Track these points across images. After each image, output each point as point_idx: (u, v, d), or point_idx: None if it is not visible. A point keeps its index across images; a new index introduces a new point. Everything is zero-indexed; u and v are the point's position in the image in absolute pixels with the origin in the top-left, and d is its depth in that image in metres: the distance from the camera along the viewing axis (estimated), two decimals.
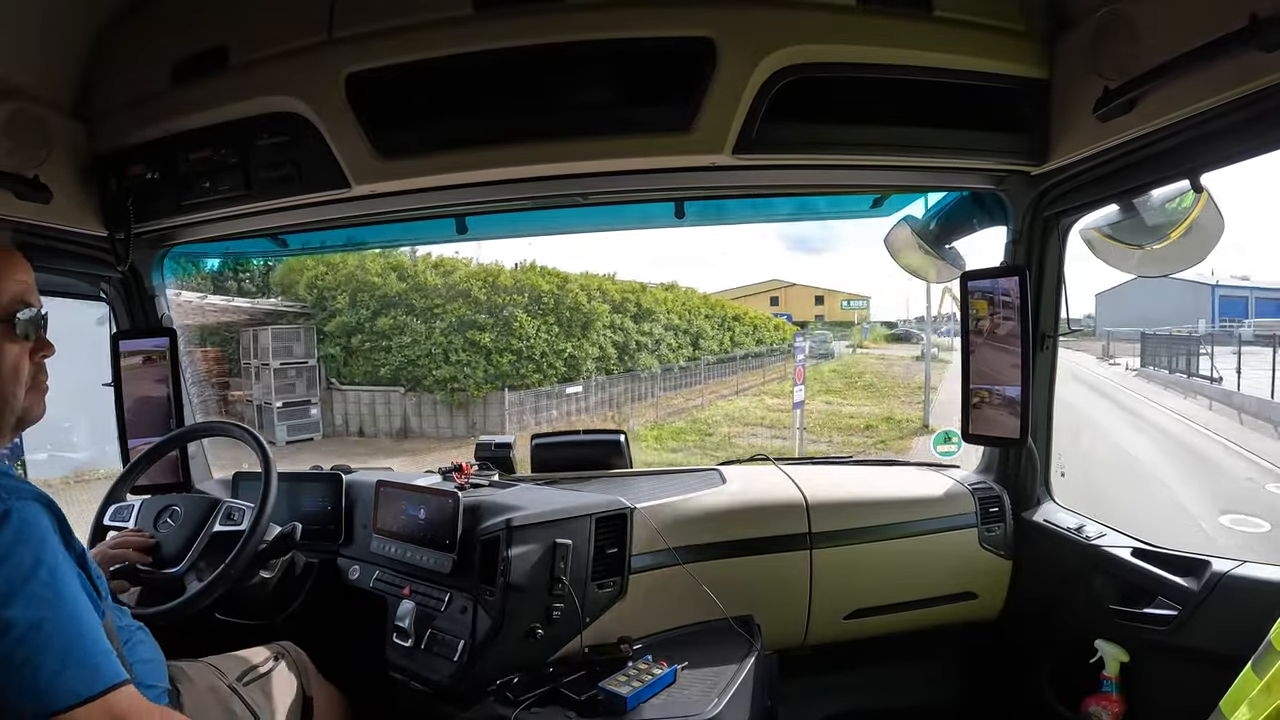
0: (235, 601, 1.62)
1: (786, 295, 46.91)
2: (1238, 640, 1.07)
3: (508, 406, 12.99)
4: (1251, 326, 27.62)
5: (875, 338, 38.11)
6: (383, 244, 2.34)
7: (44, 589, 0.83)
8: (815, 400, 17.47)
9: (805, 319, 41.05)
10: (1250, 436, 11.56)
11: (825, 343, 28.89)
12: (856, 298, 45.23)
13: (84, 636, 0.84)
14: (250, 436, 1.65)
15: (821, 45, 1.45)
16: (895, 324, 44.36)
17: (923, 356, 27.45)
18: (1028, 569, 1.94)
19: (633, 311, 16.14)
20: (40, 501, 0.89)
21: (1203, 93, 1.21)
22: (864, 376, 22.07)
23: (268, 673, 1.42)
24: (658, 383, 16.79)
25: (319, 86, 1.51)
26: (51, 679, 0.80)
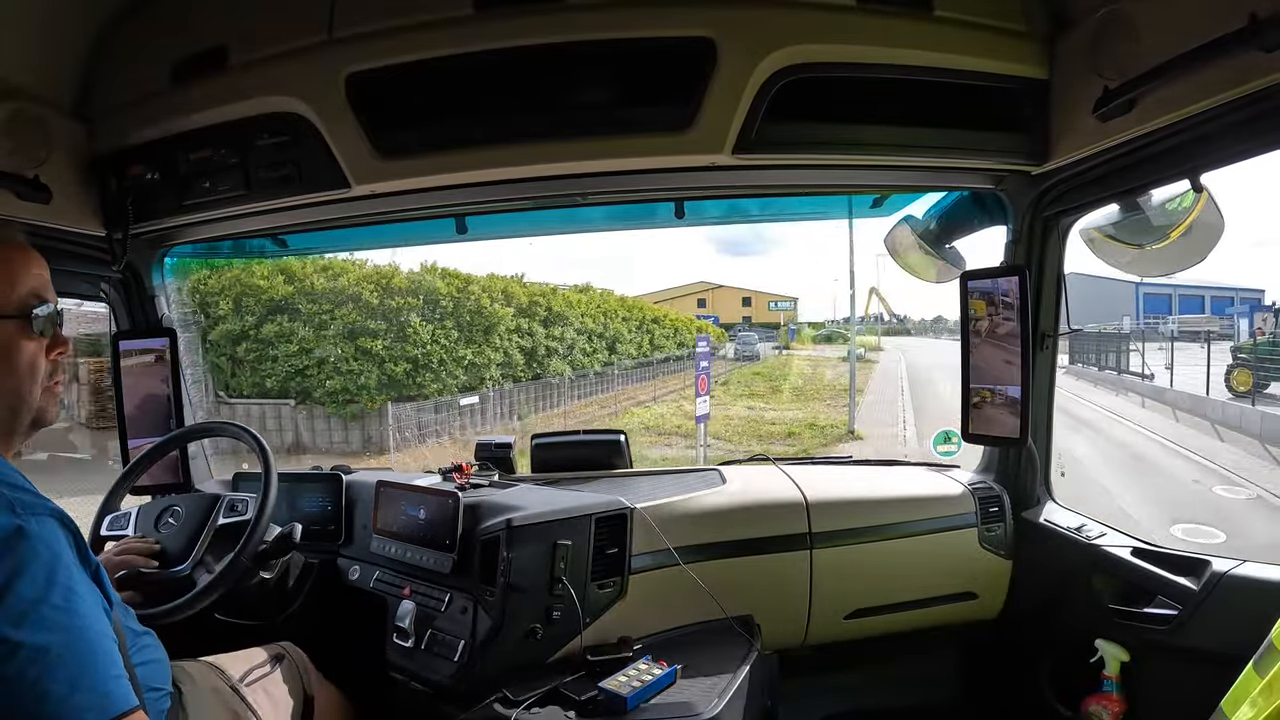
0: (235, 602, 1.62)
1: (714, 297, 46.76)
2: (1238, 640, 1.07)
3: (392, 421, 11.76)
4: (1175, 323, 27.74)
5: (803, 339, 37.95)
6: (383, 244, 2.34)
7: (57, 611, 0.81)
8: (737, 405, 17.28)
9: (732, 320, 40.83)
10: (1187, 434, 11.47)
11: (751, 345, 28.40)
12: (784, 299, 45.46)
13: (96, 661, 0.82)
14: (250, 437, 1.65)
15: (821, 45, 1.45)
16: (823, 325, 44.24)
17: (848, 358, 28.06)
18: (1028, 569, 1.94)
19: (542, 315, 15.08)
20: (56, 517, 0.86)
21: (1203, 93, 1.21)
22: (789, 379, 21.74)
23: (270, 673, 1.42)
24: (571, 390, 15.88)
25: (319, 86, 1.51)
26: (61, 704, 0.78)
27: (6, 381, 0.95)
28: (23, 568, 0.80)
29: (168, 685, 1.16)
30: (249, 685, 1.36)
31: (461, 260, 18.97)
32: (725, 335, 30.29)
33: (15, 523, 0.82)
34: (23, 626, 0.78)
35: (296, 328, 11.73)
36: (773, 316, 40.12)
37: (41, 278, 1.00)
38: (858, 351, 29.37)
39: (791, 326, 38.55)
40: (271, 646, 1.50)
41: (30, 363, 0.96)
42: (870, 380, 21.68)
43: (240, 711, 1.30)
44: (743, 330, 33.02)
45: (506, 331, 14.02)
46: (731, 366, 25.13)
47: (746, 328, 35.99)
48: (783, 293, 52.21)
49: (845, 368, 23.52)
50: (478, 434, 12.38)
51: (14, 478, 0.88)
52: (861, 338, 37.63)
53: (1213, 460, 9.81)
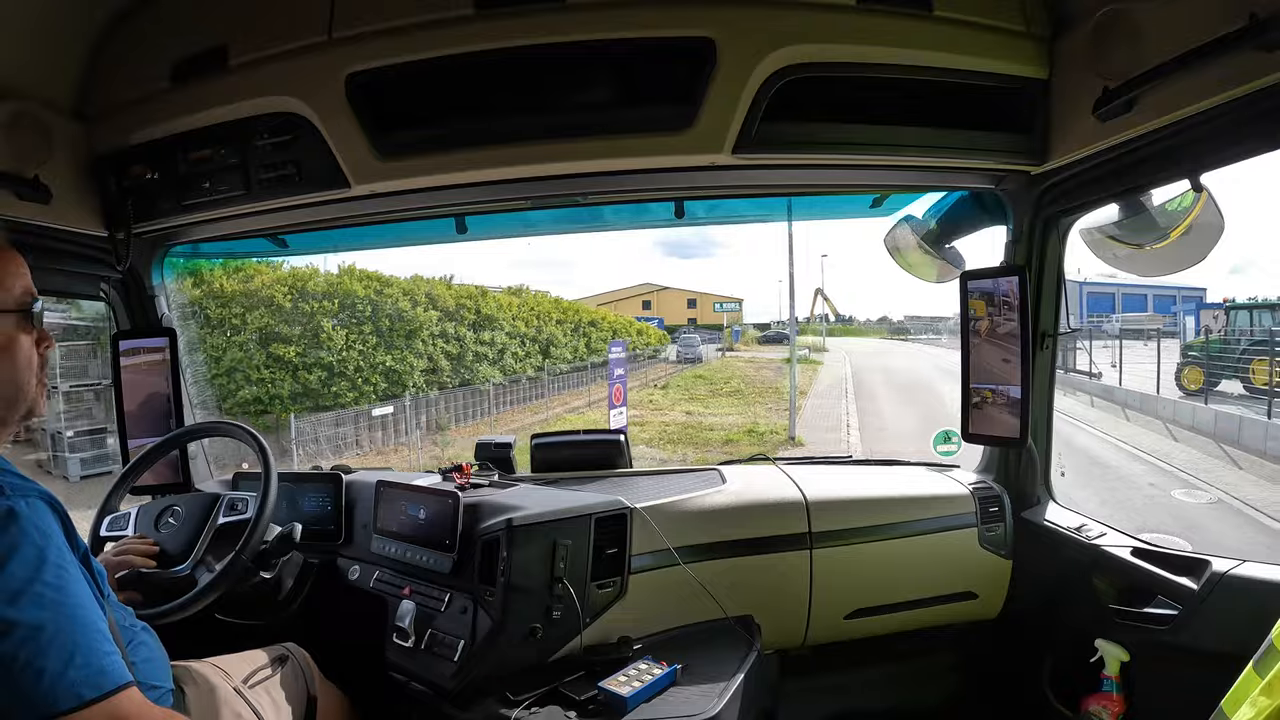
0: (235, 602, 1.62)
1: (658, 299, 47.02)
2: (1238, 639, 1.07)
3: (294, 434, 10.85)
4: (1119, 321, 27.83)
5: (747, 340, 37.80)
6: (383, 244, 2.34)
7: (49, 589, 0.82)
8: (675, 410, 16.87)
9: (677, 322, 40.91)
10: (1139, 434, 11.39)
11: (693, 347, 28.04)
12: (729, 300, 45.19)
13: (89, 638, 0.84)
14: (250, 437, 1.65)
15: (821, 45, 1.45)
16: (768, 326, 44.48)
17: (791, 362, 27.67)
18: (1028, 569, 1.94)
19: (470, 319, 14.30)
20: (46, 500, 0.89)
21: (1203, 93, 1.21)
22: (731, 382, 21.16)
23: (273, 675, 1.42)
24: (503, 396, 15.21)
25: (319, 86, 1.51)
26: (55, 680, 0.79)
27: (9, 374, 0.98)
28: (15, 548, 0.82)
29: (167, 683, 1.16)
30: (252, 687, 1.36)
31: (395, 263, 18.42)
32: (667, 337, 29.74)
33: (6, 504, 0.84)
34: (16, 605, 0.80)
35: (205, 334, 11.02)
36: (718, 318, 40.05)
37: (28, 275, 1.03)
38: (801, 352, 28.05)
39: (736, 328, 38.33)
40: (275, 648, 1.50)
41: (28, 356, 1.00)
42: (814, 382, 21.26)
43: (243, 712, 1.30)
44: (686, 332, 32.61)
45: (430, 336, 13.39)
46: (674, 369, 24.73)
47: (691, 329, 35.82)
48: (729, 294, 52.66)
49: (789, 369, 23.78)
50: (393, 449, 12.08)
51: (1, 462, 0.90)
52: (805, 339, 37.32)
53: (1168, 462, 9.75)
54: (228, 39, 1.54)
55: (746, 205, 2.09)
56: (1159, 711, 1.59)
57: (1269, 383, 11.42)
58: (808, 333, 43.43)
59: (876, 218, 2.17)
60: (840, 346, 36.78)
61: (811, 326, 48.07)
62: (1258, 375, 12.21)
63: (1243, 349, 12.89)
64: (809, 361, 26.93)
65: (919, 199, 2.08)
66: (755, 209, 2.13)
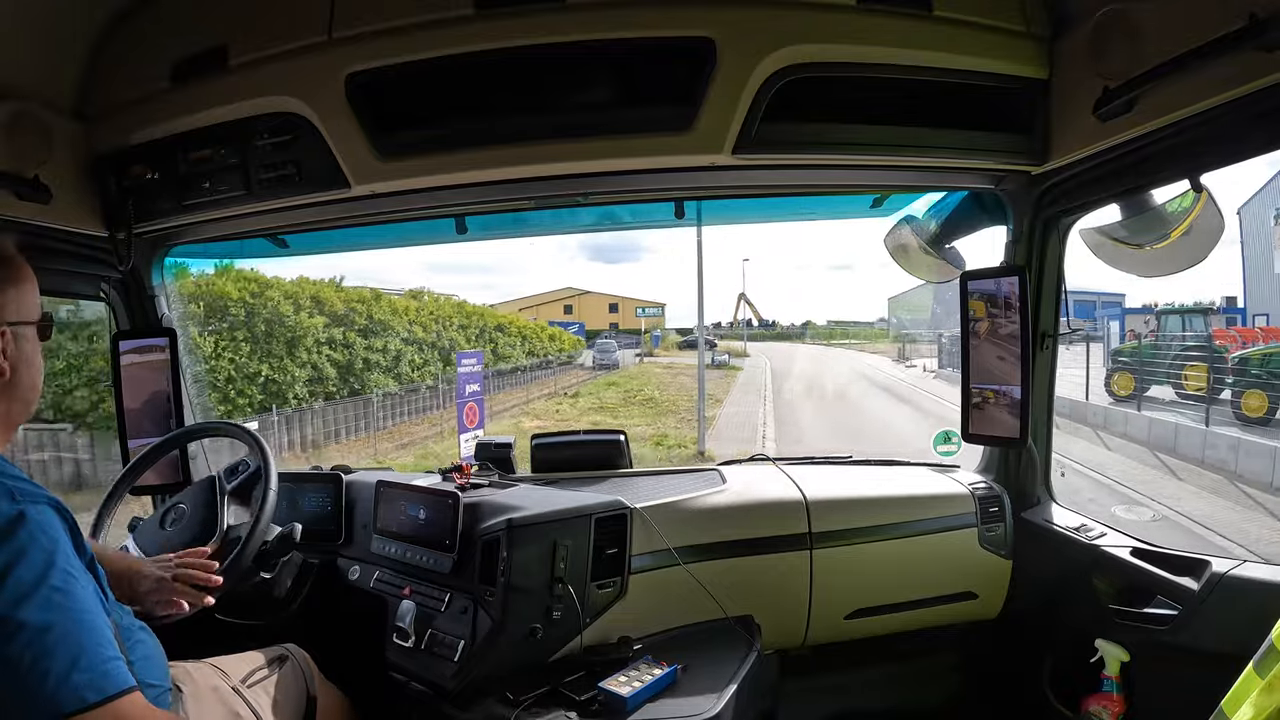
0: (235, 602, 1.62)
1: (580, 303, 46.38)
2: (1238, 640, 1.07)
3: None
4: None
5: (667, 345, 37.40)
6: (383, 244, 2.34)
7: (56, 593, 0.83)
8: (582, 420, 16.03)
9: (599, 327, 40.46)
10: (1069, 442, 10.87)
11: (609, 353, 27.26)
12: (651, 305, 45.15)
13: (94, 642, 0.84)
14: (250, 437, 1.65)
15: (821, 45, 1.45)
16: (690, 330, 43.47)
17: (712, 364, 25.57)
18: (1028, 569, 1.94)
19: (361, 324, 13.16)
20: (53, 506, 0.89)
21: (1203, 93, 1.21)
22: (645, 389, 20.34)
23: (271, 674, 1.42)
24: (399, 406, 14.07)
25: (319, 86, 1.51)
26: (60, 683, 0.80)
27: (32, 381, 1.03)
28: (23, 552, 0.83)
29: (165, 682, 1.17)
30: (251, 687, 1.36)
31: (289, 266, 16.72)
32: (581, 343, 28.98)
33: (16, 509, 0.85)
34: (23, 608, 0.80)
35: (64, 340, 9.78)
36: (641, 323, 39.72)
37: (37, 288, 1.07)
38: (721, 358, 27.82)
39: (656, 333, 37.97)
40: (274, 648, 1.50)
41: (41, 364, 1.05)
42: (733, 389, 20.59)
43: (241, 712, 1.30)
44: (603, 337, 31.87)
45: (316, 343, 12.33)
46: (589, 376, 23.97)
47: (611, 334, 35.25)
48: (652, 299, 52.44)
49: (712, 374, 22.11)
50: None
51: (10, 468, 0.91)
52: (727, 343, 37.01)
53: (1104, 474, 9.40)
54: (228, 39, 1.54)
55: (746, 205, 2.09)
56: (1159, 711, 1.59)
57: (1204, 389, 11.29)
58: (730, 338, 43.22)
59: (875, 218, 2.17)
60: (763, 351, 36.38)
61: (734, 332, 48.03)
62: (1190, 381, 12.05)
63: (1175, 354, 12.74)
64: (729, 368, 26.38)
65: (919, 199, 2.08)
66: (755, 209, 2.12)
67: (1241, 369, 11.18)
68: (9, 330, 0.98)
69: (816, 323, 61.64)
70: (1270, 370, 10.86)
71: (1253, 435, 9.49)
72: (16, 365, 1.00)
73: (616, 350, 28.11)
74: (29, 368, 1.02)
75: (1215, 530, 7.28)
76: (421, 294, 16.65)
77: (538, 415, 16.60)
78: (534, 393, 19.44)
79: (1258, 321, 16.88)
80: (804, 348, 42.73)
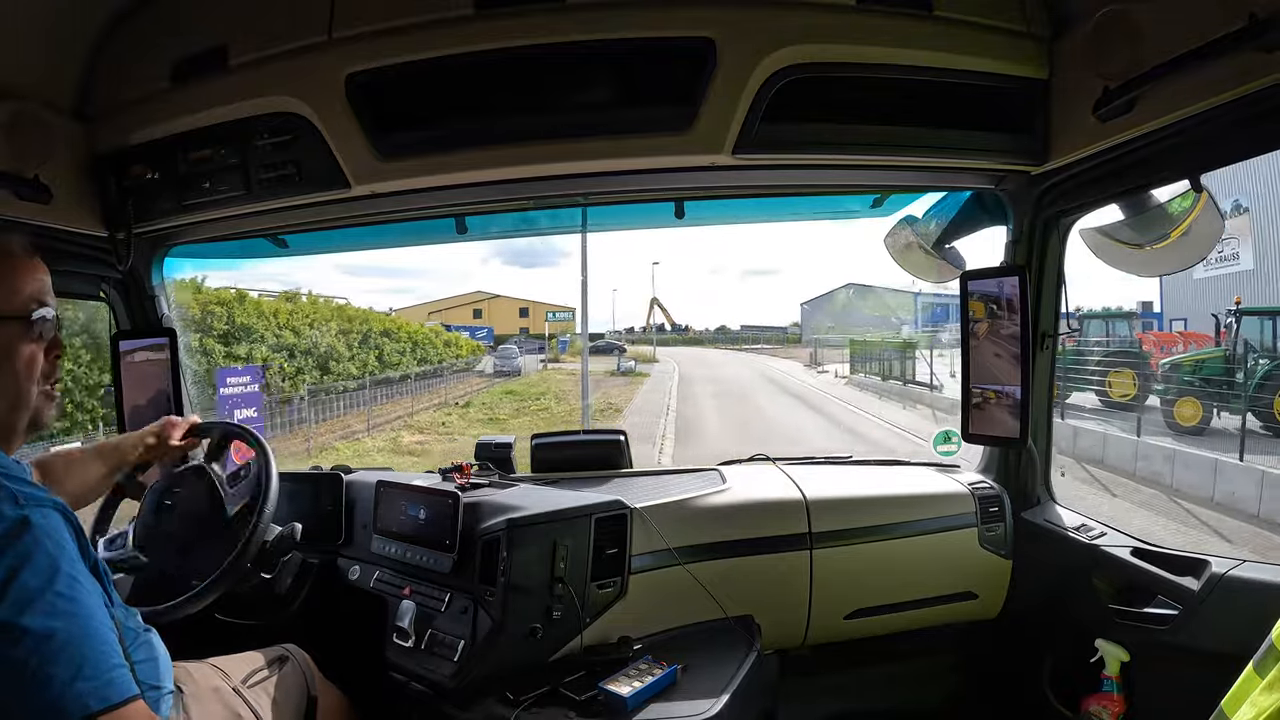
0: (235, 601, 1.62)
1: (490, 307, 45.87)
2: (1238, 640, 1.07)
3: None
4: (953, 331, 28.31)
5: (575, 351, 36.03)
6: (383, 244, 2.34)
7: (61, 599, 0.82)
8: (466, 435, 14.59)
9: (509, 331, 39.88)
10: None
11: (510, 359, 26.06)
12: (562, 309, 44.55)
13: (99, 649, 0.83)
14: (250, 437, 1.65)
15: (821, 45, 1.46)
16: (602, 336, 43.81)
17: (618, 370, 25.61)
18: (1028, 569, 1.94)
19: (221, 329, 11.85)
20: (59, 510, 0.88)
21: (1203, 93, 1.21)
22: (544, 398, 19.19)
23: (272, 675, 1.42)
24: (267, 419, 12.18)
25: (319, 86, 1.51)
26: (63, 690, 0.79)
27: (6, 381, 0.97)
28: (28, 557, 0.82)
29: (168, 684, 1.16)
30: (251, 687, 1.36)
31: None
32: (482, 349, 27.87)
33: (20, 514, 0.83)
34: (27, 613, 0.79)
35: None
36: (552, 327, 39.30)
37: (43, 282, 1.03)
38: (628, 364, 27.23)
39: (564, 338, 37.32)
40: (275, 648, 1.50)
41: (28, 364, 0.99)
42: (636, 396, 19.64)
43: (242, 712, 1.30)
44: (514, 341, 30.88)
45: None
46: (487, 383, 22.76)
47: (521, 338, 34.53)
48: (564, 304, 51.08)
49: (614, 382, 22.12)
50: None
51: (17, 471, 0.90)
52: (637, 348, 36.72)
53: None
54: (228, 39, 1.54)
55: (747, 205, 2.09)
56: (1159, 711, 1.59)
57: (1131, 396, 10.94)
58: (642, 343, 42.98)
59: (877, 218, 2.17)
60: (673, 356, 35.72)
61: (646, 336, 47.71)
62: (1115, 388, 11.73)
63: (1098, 360, 12.43)
64: (636, 375, 25.63)
65: (919, 199, 2.08)
66: (755, 209, 2.13)
67: (1172, 375, 10.87)
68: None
69: (731, 327, 61.70)
70: (1204, 377, 10.57)
71: (1188, 446, 9.11)
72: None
73: (519, 356, 26.92)
74: (9, 366, 0.97)
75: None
76: (297, 296, 15.31)
77: (421, 429, 15.20)
78: (423, 403, 18.12)
79: (1175, 326, 16.74)
80: (715, 353, 42.34)
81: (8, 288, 0.98)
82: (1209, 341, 12.32)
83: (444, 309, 42.00)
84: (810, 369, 28.41)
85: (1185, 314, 16.96)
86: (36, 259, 1.04)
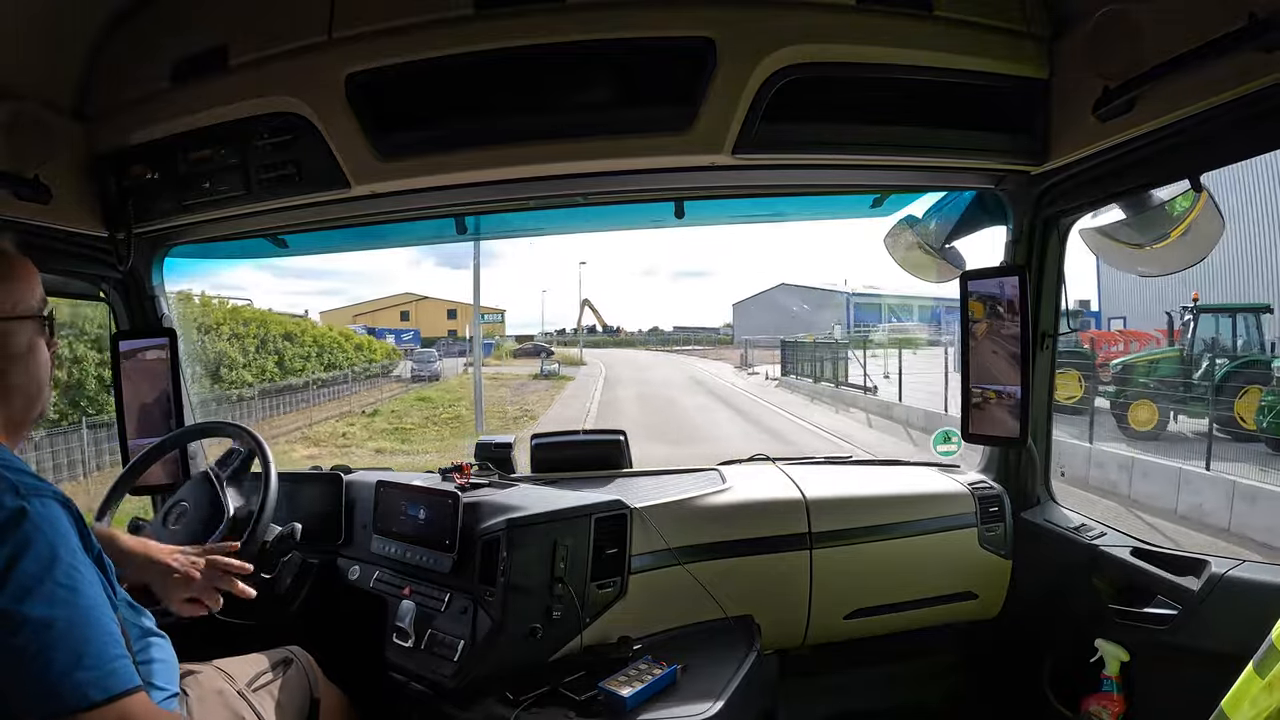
0: (235, 602, 1.62)
1: (417, 309, 44.77)
2: (1238, 639, 1.07)
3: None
4: (885, 331, 27.83)
5: (502, 354, 35.56)
6: (383, 244, 2.34)
7: (61, 589, 0.82)
8: (364, 448, 13.84)
9: (437, 334, 38.67)
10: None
11: (428, 363, 24.77)
12: (491, 311, 43.96)
13: (100, 638, 0.83)
14: (250, 437, 1.65)
15: (821, 45, 1.46)
16: (533, 337, 42.98)
17: (541, 374, 24.63)
18: (1028, 569, 1.94)
19: (94, 334, 9.87)
20: (59, 500, 0.88)
21: (1203, 93, 1.21)
22: (458, 405, 18.00)
23: (276, 678, 1.42)
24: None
25: (319, 86, 1.51)
26: (63, 678, 0.78)
27: (33, 375, 1.01)
28: (27, 546, 0.82)
29: (174, 687, 1.16)
30: (256, 691, 1.36)
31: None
32: (399, 353, 26.16)
33: (19, 504, 0.83)
34: (27, 601, 0.79)
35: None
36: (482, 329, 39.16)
37: (40, 283, 1.06)
38: (551, 367, 26.24)
39: (488, 341, 35.89)
40: (279, 651, 1.49)
41: (45, 359, 1.03)
42: (555, 402, 18.75)
43: (246, 716, 1.29)
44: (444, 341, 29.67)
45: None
46: (402, 390, 21.51)
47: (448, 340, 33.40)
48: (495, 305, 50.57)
49: (536, 386, 21.33)
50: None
51: (16, 462, 0.91)
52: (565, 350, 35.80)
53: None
54: (228, 39, 1.54)
55: (747, 205, 2.09)
56: (1159, 711, 1.59)
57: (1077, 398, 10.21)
58: (572, 344, 42.15)
59: (877, 218, 2.17)
60: (602, 358, 34.76)
61: (576, 338, 46.97)
62: (1061, 390, 10.15)
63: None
64: (559, 378, 24.78)
65: (919, 199, 2.08)
66: (755, 209, 2.12)
67: (1125, 377, 10.21)
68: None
69: (663, 328, 61.26)
70: (1160, 378, 10.02)
71: (1146, 453, 8.43)
72: (12, 362, 0.98)
73: (437, 360, 25.47)
74: (18, 365, 0.99)
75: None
76: (187, 296, 13.74)
77: (317, 441, 14.30)
78: (327, 412, 16.96)
79: (1114, 324, 16.36)
80: (645, 354, 41.76)
81: (27, 287, 1.02)
82: (1151, 340, 11.97)
83: (371, 311, 41.12)
84: (741, 370, 27.72)
85: (1124, 312, 16.71)
86: (28, 260, 1.06)
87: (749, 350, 30.98)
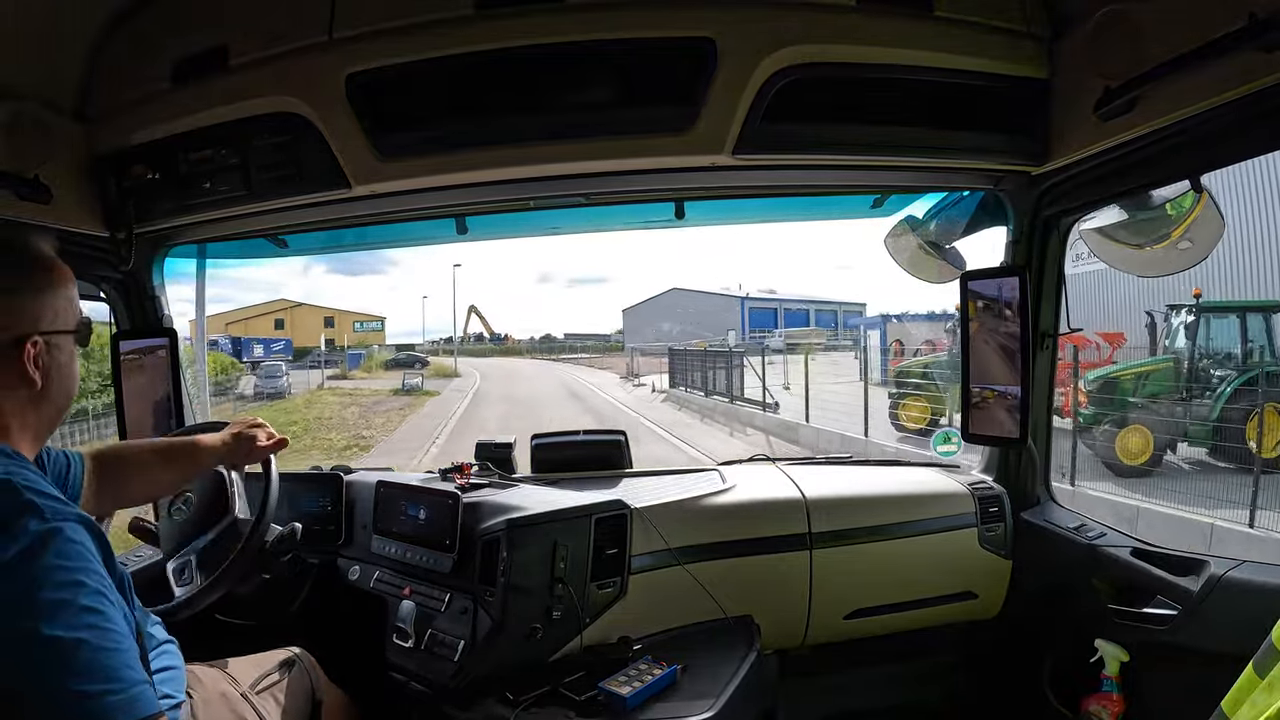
0: (235, 602, 1.62)
1: (292, 317, 42.85)
2: (1238, 640, 1.07)
3: None
4: (782, 336, 27.16)
5: (371, 365, 33.32)
6: (383, 244, 2.34)
7: (86, 612, 0.81)
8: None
9: (311, 344, 36.16)
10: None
11: (275, 377, 22.43)
12: (370, 319, 42.37)
13: (124, 663, 0.82)
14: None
15: (821, 45, 1.46)
16: (413, 347, 41.21)
17: (402, 388, 22.86)
18: (1028, 569, 1.94)
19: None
20: (84, 524, 0.87)
21: (1203, 93, 1.21)
22: (294, 426, 15.76)
23: (281, 680, 1.41)
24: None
25: (319, 86, 1.51)
26: (91, 702, 0.77)
27: (66, 388, 1.01)
28: (54, 569, 0.81)
29: (181, 693, 1.16)
30: (259, 693, 1.35)
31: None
32: (239, 366, 24.14)
33: (46, 527, 0.83)
34: (53, 625, 0.78)
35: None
36: (361, 338, 36.68)
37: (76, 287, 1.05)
38: (413, 381, 23.98)
39: (356, 351, 34.47)
40: (282, 652, 1.49)
41: (77, 369, 1.03)
42: (405, 423, 17.12)
43: (249, 717, 1.30)
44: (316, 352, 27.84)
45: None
46: (237, 407, 19.25)
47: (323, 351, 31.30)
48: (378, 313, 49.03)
49: (393, 403, 19.76)
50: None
51: (43, 485, 0.90)
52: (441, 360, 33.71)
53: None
54: (228, 39, 1.54)
55: (747, 206, 2.09)
56: (1159, 712, 1.59)
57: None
58: (446, 353, 40.13)
59: (877, 218, 2.17)
60: (479, 368, 32.88)
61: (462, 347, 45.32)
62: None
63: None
64: (420, 394, 22.87)
65: (920, 199, 2.08)
66: (756, 209, 2.12)
67: (1106, 395, 8.05)
68: (42, 340, 0.95)
69: (556, 335, 60.26)
70: (1151, 395, 8.00)
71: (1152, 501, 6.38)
72: (49, 375, 0.96)
73: (283, 375, 23.19)
74: (62, 377, 0.99)
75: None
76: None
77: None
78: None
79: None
80: (529, 364, 39.99)
81: (66, 299, 1.00)
82: (1121, 341, 10.10)
83: (242, 319, 39.05)
84: (626, 381, 25.41)
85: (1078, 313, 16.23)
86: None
87: (636, 359, 28.00)
